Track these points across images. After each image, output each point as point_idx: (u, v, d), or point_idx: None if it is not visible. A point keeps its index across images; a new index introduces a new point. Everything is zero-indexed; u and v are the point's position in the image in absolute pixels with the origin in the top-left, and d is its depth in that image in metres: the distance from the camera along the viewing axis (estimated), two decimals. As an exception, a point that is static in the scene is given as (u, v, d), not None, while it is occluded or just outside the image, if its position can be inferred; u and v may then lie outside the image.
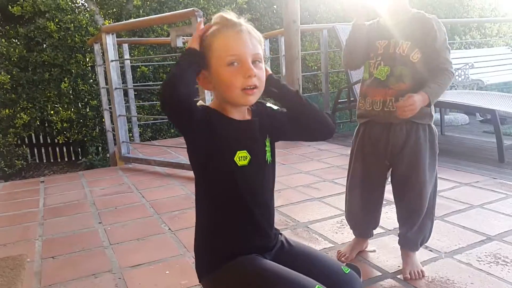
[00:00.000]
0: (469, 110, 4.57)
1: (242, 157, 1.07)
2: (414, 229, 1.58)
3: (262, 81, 1.05)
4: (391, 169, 1.62)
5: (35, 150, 6.14)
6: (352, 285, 1.07)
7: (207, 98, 2.59)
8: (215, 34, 1.03)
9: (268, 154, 1.13)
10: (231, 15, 1.04)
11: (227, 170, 1.06)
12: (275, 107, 1.19)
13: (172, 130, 5.88)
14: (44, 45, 5.49)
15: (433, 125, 1.56)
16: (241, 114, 1.10)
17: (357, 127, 1.67)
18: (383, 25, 1.54)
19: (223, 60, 1.01)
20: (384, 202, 1.72)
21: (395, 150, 1.55)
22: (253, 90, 1.02)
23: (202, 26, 1.06)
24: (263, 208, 1.13)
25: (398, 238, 1.66)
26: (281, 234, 1.20)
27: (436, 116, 4.73)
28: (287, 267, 1.06)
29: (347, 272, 1.09)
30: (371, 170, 1.62)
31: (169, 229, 2.18)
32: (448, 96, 3.87)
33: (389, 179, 1.67)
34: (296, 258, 1.13)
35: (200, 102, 1.08)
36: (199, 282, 1.12)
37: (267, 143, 1.13)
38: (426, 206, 1.56)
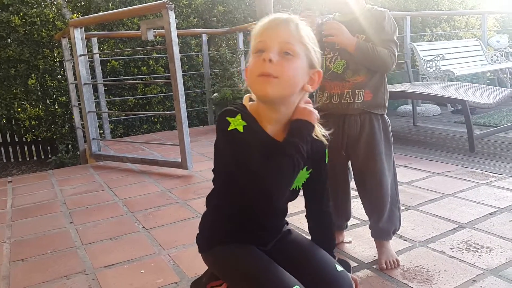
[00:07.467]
0: (440, 101, 4.67)
1: None
2: (384, 219, 1.61)
3: (284, 72, 0.97)
4: (350, 161, 1.65)
5: (2, 149, 5.92)
6: (341, 285, 1.07)
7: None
8: (256, 27, 1.01)
9: (297, 183, 1.12)
10: (280, 14, 1.02)
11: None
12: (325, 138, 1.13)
13: (145, 126, 5.77)
14: (9, 40, 5.28)
15: (386, 116, 1.60)
16: (275, 127, 1.04)
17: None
18: (339, 21, 1.56)
19: (253, 48, 1.01)
20: (356, 193, 1.73)
21: (351, 141, 1.58)
22: (267, 78, 0.96)
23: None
24: (277, 212, 1.15)
25: (370, 230, 1.68)
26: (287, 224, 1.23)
27: (408, 107, 4.84)
28: (282, 258, 1.08)
29: (339, 271, 1.09)
30: (332, 161, 1.64)
31: (143, 227, 2.13)
32: (420, 87, 3.94)
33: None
34: (293, 251, 1.15)
35: (245, 98, 1.06)
36: (199, 252, 1.16)
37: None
38: (388, 194, 1.59)
